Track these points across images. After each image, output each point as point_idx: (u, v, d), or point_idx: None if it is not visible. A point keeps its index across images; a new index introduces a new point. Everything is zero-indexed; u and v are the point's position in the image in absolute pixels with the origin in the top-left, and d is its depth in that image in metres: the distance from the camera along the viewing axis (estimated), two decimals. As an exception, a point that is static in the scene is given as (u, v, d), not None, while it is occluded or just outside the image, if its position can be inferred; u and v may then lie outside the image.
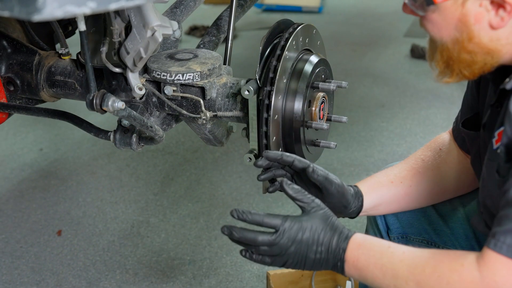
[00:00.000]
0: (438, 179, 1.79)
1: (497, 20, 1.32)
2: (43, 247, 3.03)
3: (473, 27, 1.34)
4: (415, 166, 1.80)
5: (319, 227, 1.44)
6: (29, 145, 4.04)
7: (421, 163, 1.81)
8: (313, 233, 1.43)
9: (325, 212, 1.47)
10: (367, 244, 1.42)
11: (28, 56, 1.94)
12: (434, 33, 1.41)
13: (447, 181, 1.80)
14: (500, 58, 1.38)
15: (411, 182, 1.78)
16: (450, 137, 1.86)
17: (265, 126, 1.64)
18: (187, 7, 2.02)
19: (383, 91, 4.76)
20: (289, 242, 1.43)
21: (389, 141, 3.99)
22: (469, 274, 1.27)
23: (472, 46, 1.36)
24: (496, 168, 1.38)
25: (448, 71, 1.44)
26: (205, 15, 5.77)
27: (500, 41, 1.35)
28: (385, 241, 1.46)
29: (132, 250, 3.00)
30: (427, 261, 1.33)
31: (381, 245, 1.43)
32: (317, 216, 1.45)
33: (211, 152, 3.86)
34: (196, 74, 1.73)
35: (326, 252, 1.43)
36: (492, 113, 1.48)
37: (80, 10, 1.00)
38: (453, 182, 1.80)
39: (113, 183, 3.58)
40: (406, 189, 1.78)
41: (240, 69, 4.79)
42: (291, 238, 1.43)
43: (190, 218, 3.23)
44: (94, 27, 1.77)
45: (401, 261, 1.36)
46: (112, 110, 1.47)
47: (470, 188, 1.83)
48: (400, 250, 1.39)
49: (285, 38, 1.68)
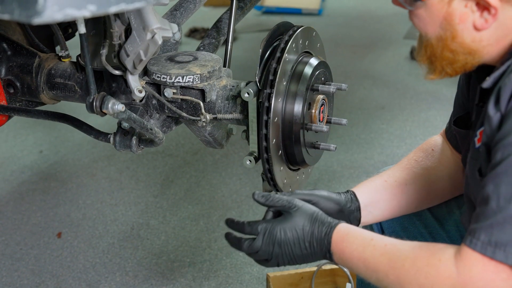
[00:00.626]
0: (433, 178, 1.79)
1: (481, 21, 1.35)
2: (43, 249, 3.03)
3: (457, 26, 1.37)
4: (408, 166, 1.81)
5: (299, 223, 1.48)
6: (29, 147, 4.04)
7: (414, 163, 1.82)
8: (293, 231, 1.48)
9: (306, 209, 1.50)
10: (350, 237, 1.45)
11: (28, 58, 1.95)
12: (420, 29, 1.45)
13: (442, 181, 1.81)
14: (481, 58, 1.42)
15: (406, 180, 1.78)
16: (442, 138, 1.87)
17: (265, 129, 1.64)
18: (187, 10, 2.02)
19: (383, 93, 4.76)
20: (270, 244, 1.48)
21: (389, 143, 3.99)
22: (446, 270, 1.29)
23: (454, 45, 1.40)
24: (478, 167, 1.41)
25: (432, 68, 1.49)
26: (205, 17, 5.78)
27: (482, 42, 1.38)
28: (368, 233, 1.46)
29: (132, 252, 3.00)
30: (407, 254, 1.35)
31: (363, 237, 1.44)
32: (297, 213, 1.50)
33: (211, 154, 3.87)
34: (196, 76, 1.73)
35: (310, 246, 1.47)
36: (477, 112, 1.50)
37: (80, 13, 1.00)
38: (448, 182, 1.81)
39: (113, 185, 3.58)
40: (402, 187, 1.77)
41: (240, 71, 4.81)
42: (272, 240, 1.48)
43: (190, 220, 3.23)
44: (94, 30, 1.77)
45: (382, 254, 1.39)
46: (112, 113, 1.48)
47: None
48: (382, 243, 1.41)
49: (285, 41, 1.68)
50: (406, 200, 1.78)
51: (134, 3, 1.06)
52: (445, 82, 4.84)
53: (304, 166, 1.82)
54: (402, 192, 1.77)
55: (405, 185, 1.78)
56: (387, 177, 1.79)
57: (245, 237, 1.54)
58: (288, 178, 1.80)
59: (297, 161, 1.77)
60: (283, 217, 1.51)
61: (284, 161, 1.76)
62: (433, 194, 1.81)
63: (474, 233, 1.27)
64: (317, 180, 3.53)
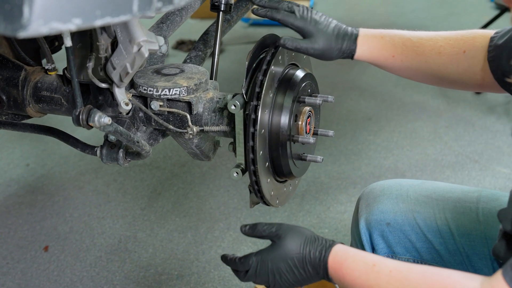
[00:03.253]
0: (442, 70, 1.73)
1: None
2: (30, 263, 3.01)
3: None
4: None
5: (289, 251, 1.47)
6: (15, 160, 4.02)
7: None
8: (283, 260, 1.47)
9: (294, 234, 1.49)
10: (350, 262, 1.40)
11: (14, 71, 1.94)
12: None
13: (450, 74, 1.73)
14: None
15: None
16: (483, 49, 1.67)
17: (251, 141, 1.64)
18: (173, 22, 2.02)
19: (370, 104, 4.78)
20: (264, 275, 1.49)
21: (376, 154, 4.01)
22: None
23: None
24: None
25: None
26: (192, 29, 5.79)
27: None
28: (370, 257, 1.42)
29: (119, 266, 2.99)
30: (416, 285, 1.30)
31: (365, 262, 1.39)
32: (286, 240, 1.48)
33: (198, 167, 3.86)
34: (182, 89, 1.73)
35: (305, 272, 1.46)
36: None
37: (66, 26, 1.00)
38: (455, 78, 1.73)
39: (100, 198, 3.57)
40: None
41: (227, 83, 4.81)
42: (265, 271, 1.49)
43: (178, 232, 3.22)
44: (80, 43, 1.77)
45: (388, 283, 1.33)
46: (98, 126, 1.47)
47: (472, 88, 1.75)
48: (387, 269, 1.36)
49: (271, 53, 1.69)
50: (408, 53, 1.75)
51: (119, 16, 1.06)
52: (432, 94, 4.88)
53: (291, 177, 1.82)
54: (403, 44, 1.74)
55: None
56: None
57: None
58: (275, 190, 1.81)
59: (284, 173, 1.77)
60: (272, 246, 1.51)
61: (271, 173, 1.76)
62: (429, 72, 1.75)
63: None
64: (304, 192, 3.54)
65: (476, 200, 1.82)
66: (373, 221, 1.87)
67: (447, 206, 1.84)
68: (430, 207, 1.85)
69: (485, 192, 1.84)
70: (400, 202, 1.87)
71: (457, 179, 3.68)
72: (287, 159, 1.73)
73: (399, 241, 1.85)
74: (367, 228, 1.87)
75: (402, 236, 1.84)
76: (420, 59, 1.75)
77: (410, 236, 1.84)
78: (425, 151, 4.03)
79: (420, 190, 1.89)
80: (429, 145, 4.09)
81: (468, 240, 1.77)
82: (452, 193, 1.87)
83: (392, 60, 1.76)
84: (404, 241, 1.85)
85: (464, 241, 1.78)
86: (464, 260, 1.77)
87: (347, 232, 3.17)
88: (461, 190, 1.88)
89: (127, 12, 1.07)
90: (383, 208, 1.87)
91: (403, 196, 1.89)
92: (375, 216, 1.87)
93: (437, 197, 1.86)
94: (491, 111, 4.53)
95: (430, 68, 1.75)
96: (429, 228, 1.83)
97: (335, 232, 3.18)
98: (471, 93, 4.86)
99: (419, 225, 1.83)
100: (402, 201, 1.87)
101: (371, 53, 1.76)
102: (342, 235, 3.16)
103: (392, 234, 1.85)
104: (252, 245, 3.08)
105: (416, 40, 1.74)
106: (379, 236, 1.85)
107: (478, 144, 4.10)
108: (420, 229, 1.83)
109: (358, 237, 1.89)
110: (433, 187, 1.91)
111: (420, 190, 1.90)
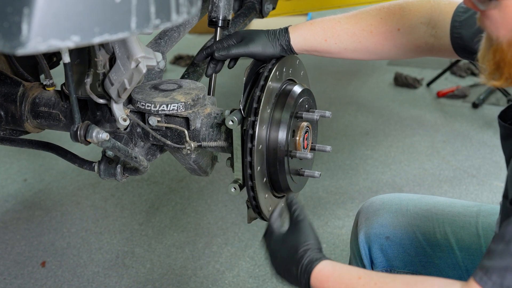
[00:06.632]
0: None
1: None
2: (27, 279, 3.00)
3: None
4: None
5: (295, 249, 1.49)
6: (13, 175, 4.01)
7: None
8: (282, 248, 1.52)
9: (303, 231, 1.52)
10: (336, 276, 1.39)
11: (12, 87, 1.94)
12: (491, 31, 1.30)
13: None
14: None
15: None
16: (424, 26, 1.73)
17: (249, 156, 1.64)
18: (171, 38, 2.03)
19: (368, 119, 4.79)
20: (270, 244, 1.56)
21: (374, 169, 4.01)
22: None
23: None
24: None
25: (497, 74, 1.33)
26: (189, 44, 5.80)
27: None
28: (355, 271, 1.41)
29: (117, 281, 2.97)
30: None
31: (351, 276, 1.38)
32: (296, 230, 1.53)
33: (196, 182, 3.86)
34: (180, 104, 1.74)
35: (290, 272, 1.47)
36: None
37: (64, 44, 1.00)
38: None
39: (98, 213, 3.56)
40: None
41: (224, 98, 4.82)
42: (268, 243, 1.57)
43: (176, 248, 3.22)
44: (78, 59, 1.78)
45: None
46: (96, 141, 1.48)
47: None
48: (372, 281, 1.35)
49: (268, 69, 1.70)
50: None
51: (117, 34, 1.07)
52: (429, 108, 4.89)
53: (289, 193, 1.82)
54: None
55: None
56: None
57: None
58: (273, 205, 1.81)
59: (282, 188, 1.77)
60: (288, 231, 1.56)
61: (269, 188, 1.76)
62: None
63: (487, 271, 1.21)
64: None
65: (476, 215, 1.82)
66: (372, 234, 1.87)
67: (447, 220, 1.84)
68: (430, 221, 1.85)
69: (484, 207, 1.85)
70: (399, 216, 1.87)
71: (455, 193, 3.68)
72: (284, 175, 1.73)
73: (398, 255, 1.85)
74: (366, 242, 1.87)
75: (401, 250, 1.85)
76: (354, 40, 1.78)
77: (409, 250, 1.84)
78: (422, 165, 4.03)
79: (420, 204, 1.90)
80: (427, 160, 4.09)
81: (467, 254, 1.78)
82: (452, 207, 1.87)
83: (326, 44, 1.80)
84: (403, 255, 1.85)
85: (463, 255, 1.78)
86: (463, 274, 1.77)
87: (345, 247, 3.17)
88: (460, 205, 1.88)
89: (125, 29, 1.08)
90: (383, 221, 1.87)
91: (403, 210, 1.89)
92: (375, 230, 1.87)
93: (437, 211, 1.86)
94: (488, 126, 4.54)
95: (366, 47, 1.79)
96: (429, 242, 1.83)
97: (333, 247, 3.17)
98: (469, 107, 4.87)
99: (418, 239, 1.83)
100: (401, 215, 1.87)
101: (305, 40, 1.79)
102: (340, 250, 3.15)
103: (391, 248, 1.85)
104: (250, 260, 3.08)
105: (344, 22, 1.79)
106: (378, 249, 1.85)
107: (475, 158, 4.10)
108: (420, 243, 1.83)
109: (357, 251, 1.90)
110: (433, 201, 1.91)
111: (420, 204, 1.90)
